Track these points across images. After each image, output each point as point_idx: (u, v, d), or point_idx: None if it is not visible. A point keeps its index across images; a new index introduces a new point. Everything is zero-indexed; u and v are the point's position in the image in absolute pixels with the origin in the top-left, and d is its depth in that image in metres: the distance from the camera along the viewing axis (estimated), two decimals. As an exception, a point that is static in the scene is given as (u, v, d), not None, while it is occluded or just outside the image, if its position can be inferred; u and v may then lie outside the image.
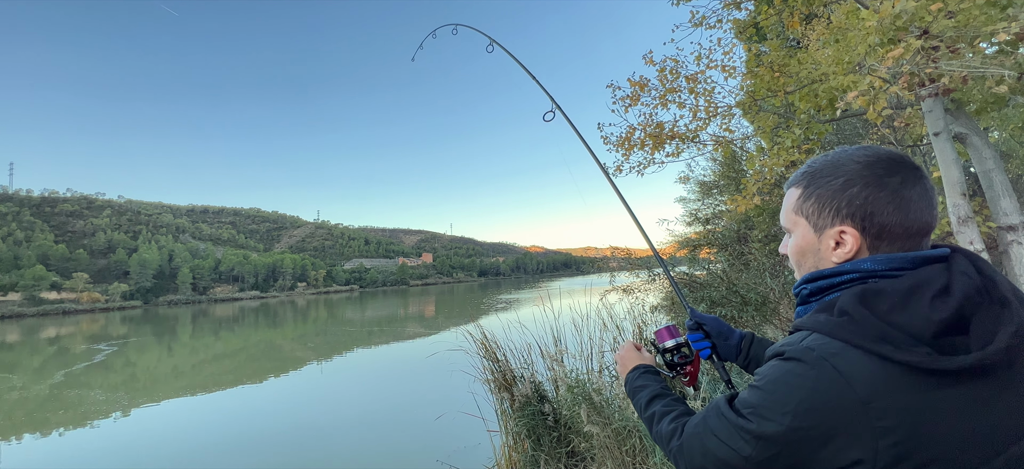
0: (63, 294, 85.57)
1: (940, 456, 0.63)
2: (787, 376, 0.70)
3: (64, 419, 11.44)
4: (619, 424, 3.17)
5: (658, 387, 1.09)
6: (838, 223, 0.77)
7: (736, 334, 1.27)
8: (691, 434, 0.85)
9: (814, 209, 0.80)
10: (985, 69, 2.57)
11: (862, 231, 0.76)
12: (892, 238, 0.75)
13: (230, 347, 25.73)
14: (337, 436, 8.62)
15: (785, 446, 0.69)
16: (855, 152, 0.78)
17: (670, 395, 1.05)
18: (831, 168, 0.79)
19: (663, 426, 0.95)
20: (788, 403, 0.68)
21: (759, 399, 0.72)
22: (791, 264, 0.90)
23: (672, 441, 0.90)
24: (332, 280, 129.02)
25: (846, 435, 0.64)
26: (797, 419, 0.67)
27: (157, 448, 8.88)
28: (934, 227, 0.77)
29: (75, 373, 18.40)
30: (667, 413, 0.98)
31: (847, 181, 0.76)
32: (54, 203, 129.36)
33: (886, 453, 0.63)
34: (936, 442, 0.63)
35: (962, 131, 3.56)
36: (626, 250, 10.55)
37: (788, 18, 5.18)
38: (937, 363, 0.63)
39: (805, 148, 4.82)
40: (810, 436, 0.66)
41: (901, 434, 0.63)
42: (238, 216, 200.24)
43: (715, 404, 0.81)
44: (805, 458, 0.68)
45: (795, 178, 0.86)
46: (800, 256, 0.85)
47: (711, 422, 0.80)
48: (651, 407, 1.03)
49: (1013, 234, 3.31)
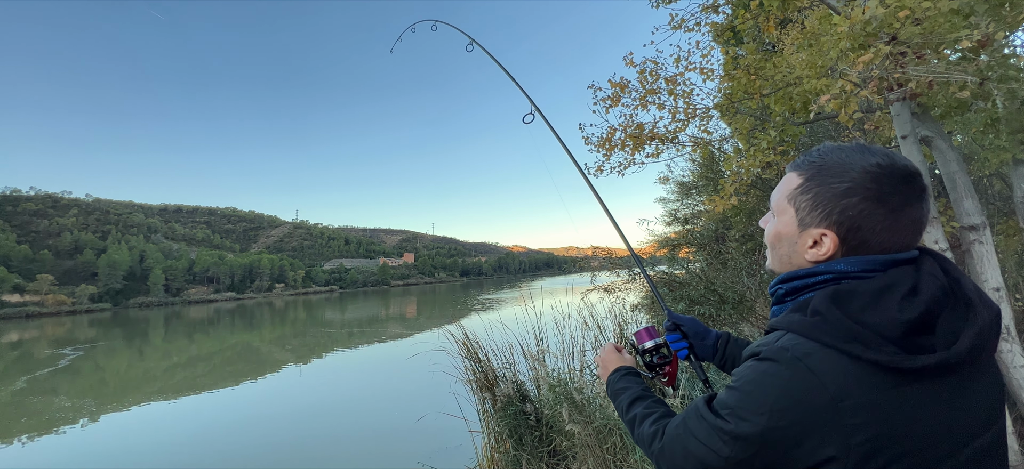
0: (26, 297, 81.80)
1: (908, 451, 0.65)
2: (762, 377, 0.72)
3: (28, 427, 10.98)
4: (600, 423, 3.19)
5: (639, 389, 1.11)
6: (822, 226, 0.78)
7: (713, 334, 1.29)
8: (672, 437, 0.86)
9: (807, 205, 0.79)
10: (949, 75, 2.67)
11: (842, 240, 0.76)
12: (868, 251, 0.76)
13: (205, 350, 25.04)
14: (317, 439, 8.47)
15: (762, 445, 0.70)
16: (868, 157, 0.75)
17: (651, 397, 1.07)
18: (838, 169, 0.76)
19: (644, 428, 0.96)
20: (764, 403, 0.70)
21: (736, 400, 0.74)
22: (765, 240, 0.91)
23: (653, 443, 0.91)
24: (311, 281, 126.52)
25: (819, 433, 0.66)
26: (772, 419, 0.69)
27: (128, 455, 8.60)
28: (914, 246, 0.77)
29: (39, 379, 17.65)
30: (648, 415, 0.99)
31: (849, 188, 0.74)
32: (16, 202, 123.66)
33: (857, 450, 0.65)
34: (904, 438, 0.65)
35: (928, 134, 3.69)
36: (607, 250, 10.61)
37: (764, 22, 5.29)
38: (904, 362, 0.66)
39: (780, 149, 4.93)
40: (786, 435, 0.68)
41: (871, 431, 0.65)
42: (213, 216, 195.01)
43: (694, 406, 0.83)
44: (781, 456, 0.69)
45: (800, 164, 0.83)
46: (776, 240, 0.87)
47: (691, 424, 0.81)
48: (632, 409, 1.05)
49: (975, 234, 3.44)
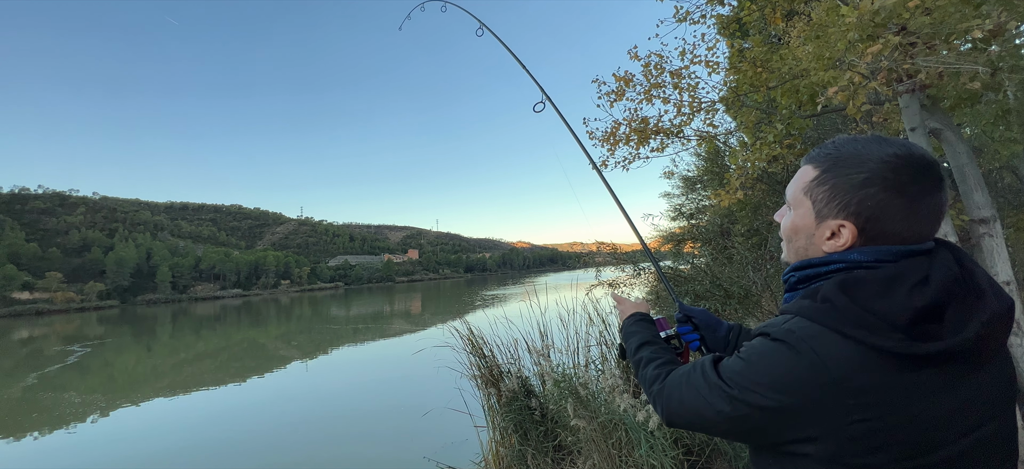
0: (36, 294, 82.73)
1: (906, 438, 0.66)
2: (770, 353, 0.74)
3: (39, 422, 11.13)
4: (605, 418, 3.18)
5: (649, 335, 1.17)
6: (841, 217, 0.77)
7: (724, 326, 1.30)
8: (673, 383, 0.91)
9: (824, 196, 0.79)
10: (960, 65, 2.63)
11: (860, 230, 0.76)
12: (886, 241, 0.76)
13: (212, 346, 25.24)
14: (323, 435, 8.53)
15: (760, 414, 0.73)
16: (884, 147, 0.75)
17: (659, 343, 1.13)
18: (855, 160, 0.76)
19: (648, 371, 1.02)
20: (767, 377, 0.73)
21: (742, 369, 0.77)
22: (780, 233, 0.91)
23: (654, 385, 0.96)
24: (316, 277, 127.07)
25: (816, 412, 0.68)
26: (774, 393, 0.71)
27: (138, 450, 8.69)
28: (932, 237, 0.76)
29: (50, 375, 17.87)
30: (653, 360, 1.04)
31: (867, 179, 0.74)
32: (25, 200, 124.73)
33: (851, 429, 0.67)
34: (904, 424, 0.66)
35: (937, 127, 3.65)
36: (611, 245, 10.59)
37: (770, 14, 5.23)
38: (909, 348, 0.67)
39: (787, 143, 4.89)
40: (784, 410, 0.71)
41: (869, 413, 0.66)
42: (219, 213, 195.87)
43: (701, 363, 0.86)
44: (776, 429, 0.73)
45: (816, 156, 0.82)
46: (793, 233, 0.86)
47: (694, 377, 0.85)
48: (640, 352, 1.11)
49: (985, 227, 3.40)
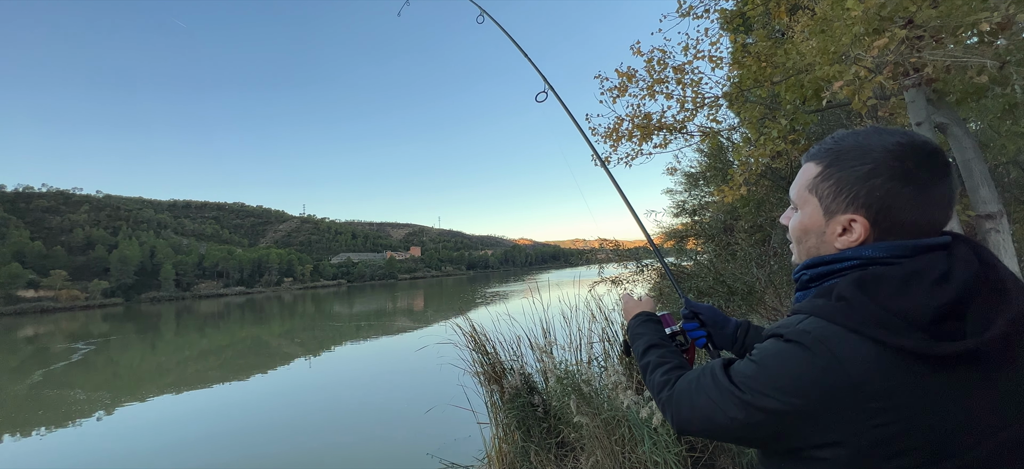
0: (41, 292, 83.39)
1: (927, 441, 0.63)
2: (784, 355, 0.71)
3: (45, 419, 11.18)
4: (608, 414, 3.17)
5: (656, 337, 1.12)
6: (851, 211, 0.75)
7: (732, 323, 1.27)
8: (682, 390, 0.87)
9: (830, 191, 0.77)
10: (968, 59, 2.60)
11: (873, 223, 0.74)
12: (901, 233, 0.73)
13: (216, 344, 25.33)
14: (326, 431, 8.55)
15: (775, 419, 0.70)
16: (886, 137, 0.73)
17: (667, 346, 1.08)
18: (858, 152, 0.74)
19: (656, 376, 0.98)
20: (782, 381, 0.69)
21: (755, 373, 0.74)
22: (789, 236, 0.88)
23: (663, 392, 0.92)
24: (319, 275, 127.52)
25: (835, 416, 0.65)
26: (790, 396, 0.68)
27: (144, 446, 8.74)
28: (945, 225, 0.74)
29: (55, 372, 17.96)
30: (662, 364, 1.00)
31: (872, 170, 0.72)
32: (29, 199, 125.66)
33: (871, 435, 0.63)
34: (925, 427, 0.63)
35: (943, 121, 3.62)
36: (614, 242, 10.57)
37: (774, 8, 5.19)
38: (932, 348, 0.63)
39: (791, 138, 4.86)
40: (801, 415, 0.67)
41: (890, 417, 0.63)
42: (222, 211, 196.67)
43: (710, 367, 0.83)
44: (792, 433, 0.69)
45: (817, 153, 0.81)
46: (802, 234, 0.84)
47: (705, 382, 0.82)
48: (647, 356, 1.06)
49: (991, 222, 3.37)
